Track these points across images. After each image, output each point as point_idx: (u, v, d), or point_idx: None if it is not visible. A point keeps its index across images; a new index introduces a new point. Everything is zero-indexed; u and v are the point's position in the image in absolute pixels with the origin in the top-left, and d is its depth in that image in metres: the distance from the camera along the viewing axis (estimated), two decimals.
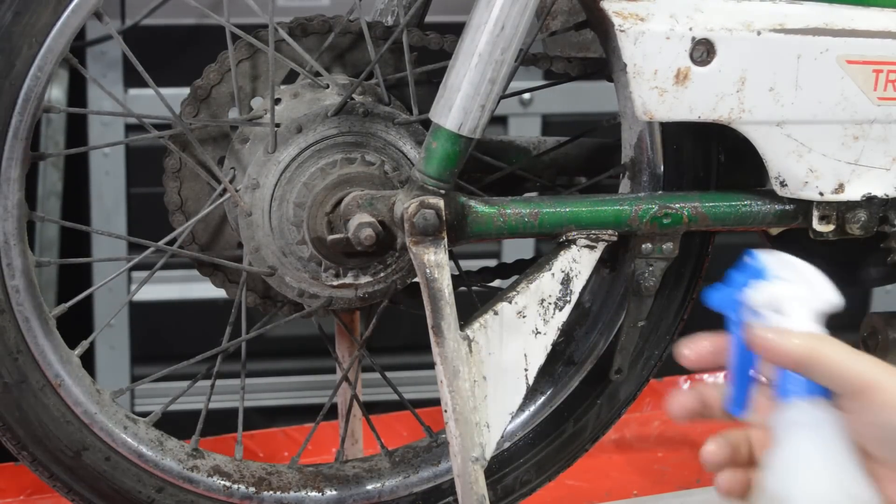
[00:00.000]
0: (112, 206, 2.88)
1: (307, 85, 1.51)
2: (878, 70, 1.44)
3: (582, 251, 1.45)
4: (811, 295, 1.06)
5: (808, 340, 1.03)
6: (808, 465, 1.02)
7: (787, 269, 1.07)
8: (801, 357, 1.03)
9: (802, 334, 1.04)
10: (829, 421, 1.02)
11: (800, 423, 1.03)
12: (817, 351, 1.02)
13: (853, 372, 1.01)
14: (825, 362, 1.02)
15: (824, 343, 1.03)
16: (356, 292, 1.50)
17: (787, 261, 1.08)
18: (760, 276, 1.07)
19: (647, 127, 1.50)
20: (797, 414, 1.03)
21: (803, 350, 1.03)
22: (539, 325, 1.43)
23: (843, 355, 1.02)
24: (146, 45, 2.71)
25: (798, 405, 1.03)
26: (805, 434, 1.02)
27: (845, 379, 1.01)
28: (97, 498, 1.50)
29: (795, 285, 1.07)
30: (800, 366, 1.03)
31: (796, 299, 1.06)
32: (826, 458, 1.02)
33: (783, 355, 1.03)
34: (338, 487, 1.57)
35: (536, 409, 1.60)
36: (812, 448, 1.02)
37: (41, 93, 1.38)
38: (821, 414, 1.03)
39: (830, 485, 1.01)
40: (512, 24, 1.34)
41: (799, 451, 1.02)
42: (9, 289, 1.41)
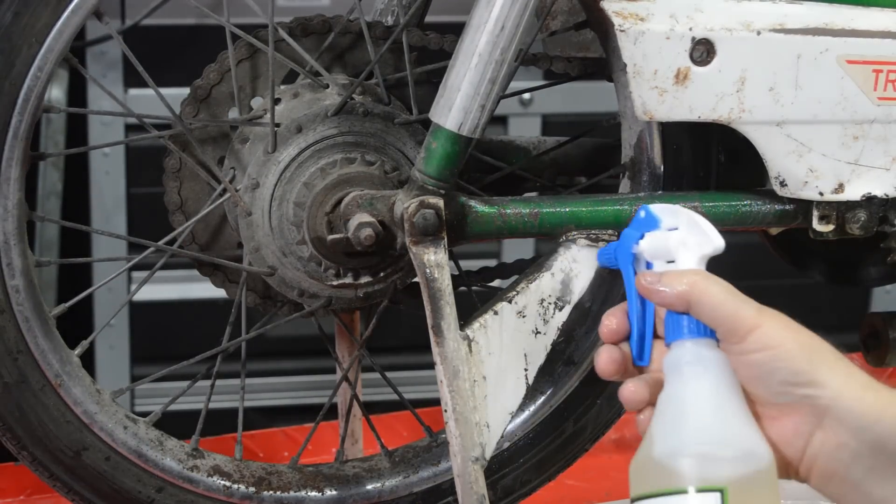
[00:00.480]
0: (112, 206, 2.88)
1: (307, 85, 1.51)
2: (878, 70, 1.44)
3: (582, 251, 1.45)
4: (699, 240, 1.09)
5: (690, 279, 1.06)
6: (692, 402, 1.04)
7: (676, 217, 1.10)
8: (681, 295, 1.05)
9: (685, 273, 1.07)
10: (713, 360, 1.05)
11: (685, 363, 1.05)
12: (698, 289, 1.05)
13: (732, 311, 1.04)
14: (705, 300, 1.04)
15: (706, 282, 1.05)
16: (356, 292, 1.50)
17: (677, 211, 1.11)
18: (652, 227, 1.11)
19: (647, 127, 1.50)
20: (683, 354, 1.06)
21: (684, 289, 1.05)
22: (539, 325, 1.43)
23: (723, 295, 1.04)
24: (146, 45, 2.70)
25: (684, 345, 1.06)
26: (689, 372, 1.05)
27: (724, 318, 1.04)
28: (97, 498, 1.50)
29: (683, 232, 1.09)
30: (683, 305, 1.06)
31: (685, 245, 1.08)
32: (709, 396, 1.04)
33: (666, 296, 1.06)
34: (338, 487, 1.57)
35: (536, 409, 1.60)
36: (696, 386, 1.04)
37: (41, 93, 1.38)
38: (705, 353, 1.05)
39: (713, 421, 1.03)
40: (512, 24, 1.34)
41: (684, 389, 1.05)
42: (9, 289, 1.41)
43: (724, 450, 1.02)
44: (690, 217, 1.10)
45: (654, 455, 1.03)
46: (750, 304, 1.05)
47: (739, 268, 2.70)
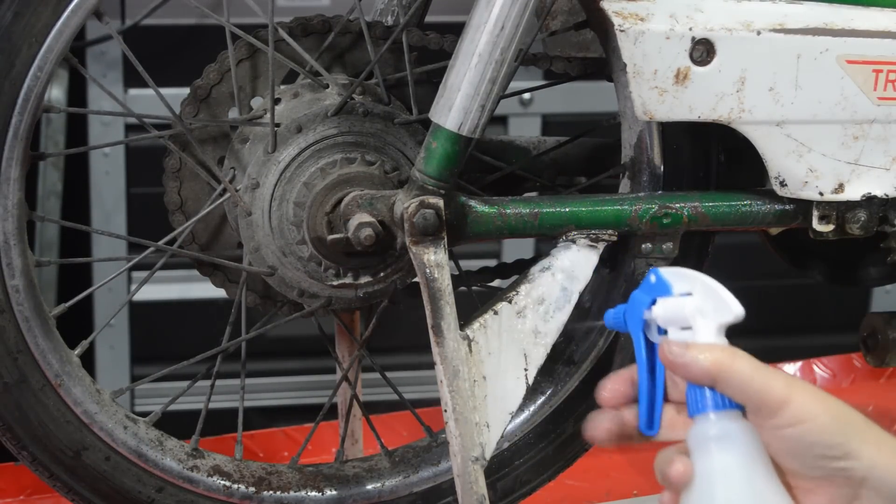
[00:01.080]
0: (112, 206, 2.88)
1: (307, 85, 1.51)
2: (878, 70, 1.44)
3: (582, 251, 1.45)
4: (715, 307, 1.05)
5: (717, 354, 1.02)
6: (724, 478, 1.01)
7: (690, 283, 1.06)
8: (710, 371, 1.02)
9: (710, 347, 1.03)
10: (742, 433, 1.02)
11: (713, 437, 1.02)
12: (726, 365, 1.02)
13: (761, 386, 1.01)
14: (733, 377, 1.02)
15: (733, 357, 1.02)
16: (356, 292, 1.50)
17: (690, 275, 1.07)
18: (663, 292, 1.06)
19: (646, 127, 1.50)
20: (710, 428, 1.03)
21: (712, 364, 1.02)
22: (539, 325, 1.43)
23: (751, 370, 1.02)
24: (146, 45, 2.70)
25: (711, 419, 1.03)
26: (719, 447, 1.02)
27: (753, 393, 1.01)
28: (97, 498, 1.50)
29: (699, 299, 1.05)
30: (709, 380, 1.03)
31: (701, 313, 1.04)
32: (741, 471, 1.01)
33: (693, 370, 1.03)
34: (338, 487, 1.57)
35: (536, 409, 1.60)
36: (727, 461, 1.01)
37: (41, 93, 1.38)
38: (734, 427, 1.02)
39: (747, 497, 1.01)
40: (512, 24, 1.34)
41: (714, 464, 1.02)
42: (9, 289, 1.41)
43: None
44: (706, 283, 1.05)
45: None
46: (778, 378, 1.02)
47: (739, 268, 2.71)
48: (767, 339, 3.02)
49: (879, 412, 2.34)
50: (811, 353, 2.54)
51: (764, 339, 3.05)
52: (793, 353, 2.58)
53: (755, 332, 3.09)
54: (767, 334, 3.01)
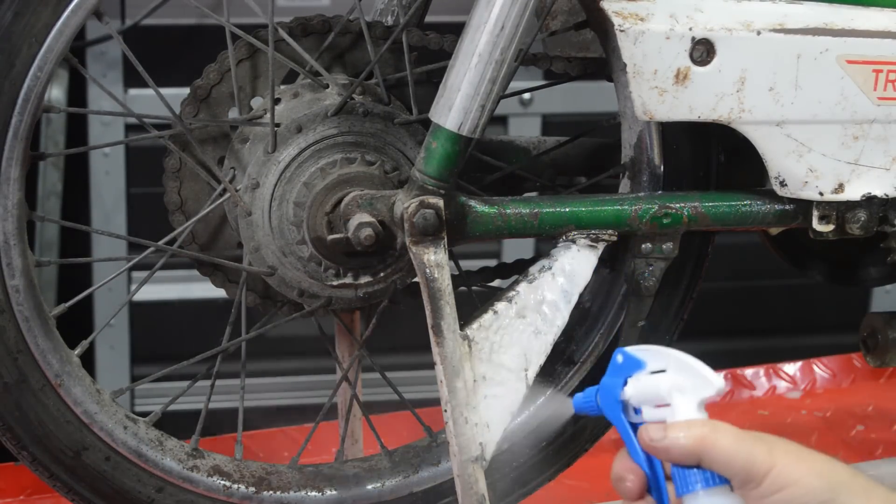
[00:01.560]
0: (112, 206, 2.88)
1: (307, 85, 1.51)
2: (877, 70, 1.44)
3: (582, 251, 1.45)
4: (693, 383, 1.03)
5: (697, 431, 1.02)
6: None
7: (663, 359, 1.04)
8: (693, 450, 1.02)
9: (690, 425, 1.03)
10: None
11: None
12: (709, 441, 1.02)
13: (745, 458, 1.01)
14: (717, 452, 1.02)
15: (714, 431, 1.02)
16: (356, 292, 1.50)
17: (661, 352, 1.05)
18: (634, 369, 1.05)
19: (646, 127, 1.50)
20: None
21: (693, 442, 1.02)
22: (539, 325, 1.43)
23: (734, 442, 1.02)
24: (146, 45, 2.70)
25: (699, 497, 1.03)
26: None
27: (738, 466, 1.01)
28: (97, 498, 1.50)
29: (673, 374, 1.04)
30: (693, 459, 1.03)
31: (678, 389, 1.03)
32: None
33: (674, 452, 1.03)
34: (338, 487, 1.57)
35: (536, 408, 1.60)
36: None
37: (41, 93, 1.38)
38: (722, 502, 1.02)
39: None
40: (512, 24, 1.34)
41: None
42: (9, 289, 1.41)
43: None
44: (679, 358, 1.04)
45: None
46: (760, 445, 1.02)
47: (739, 268, 2.71)
48: (767, 339, 3.02)
49: (879, 412, 2.35)
50: (811, 353, 2.54)
51: (764, 339, 3.05)
52: (793, 353, 2.58)
53: (755, 332, 3.10)
54: (767, 334, 3.01)
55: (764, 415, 2.38)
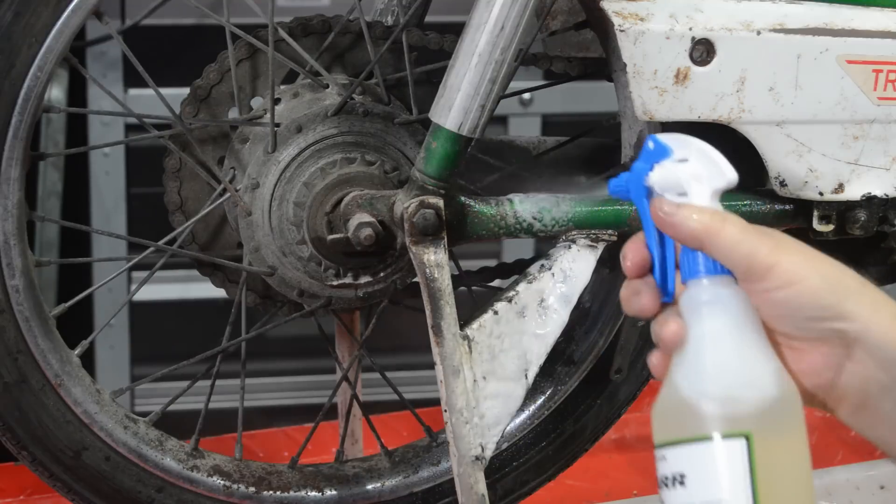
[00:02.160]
0: (112, 206, 2.88)
1: (307, 85, 1.51)
2: (878, 70, 1.44)
3: (582, 251, 1.45)
4: (712, 173, 1.04)
5: (707, 217, 1.01)
6: (714, 340, 1.00)
7: (687, 148, 1.05)
8: (699, 233, 1.01)
9: (701, 210, 1.02)
10: (733, 298, 1.01)
11: (705, 302, 1.01)
12: (715, 228, 1.01)
13: (748, 250, 1.00)
14: (722, 240, 1.01)
15: (722, 220, 1.01)
16: (356, 292, 1.50)
17: (686, 141, 1.06)
18: (662, 156, 1.05)
19: (647, 127, 1.50)
20: (702, 293, 1.02)
21: (701, 227, 1.01)
22: (539, 325, 1.43)
23: (740, 233, 1.00)
24: (146, 45, 2.70)
25: (703, 284, 1.02)
26: (710, 311, 1.01)
27: (741, 258, 1.00)
28: (97, 498, 1.50)
29: (694, 164, 1.04)
30: (697, 242, 1.02)
31: (697, 178, 1.04)
32: (731, 334, 1.00)
33: (681, 230, 1.02)
34: (338, 487, 1.57)
35: (536, 408, 1.60)
36: (717, 325, 1.01)
37: (41, 93, 1.38)
38: (725, 292, 1.01)
39: (735, 363, 1.00)
40: (512, 24, 1.34)
41: (705, 328, 1.01)
42: (9, 289, 1.41)
43: (747, 392, 0.98)
44: (701, 148, 1.05)
45: (676, 400, 1.00)
46: (766, 241, 1.00)
47: None
48: None
49: None
50: None
51: None
52: None
53: None
54: None
55: None
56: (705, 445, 0.97)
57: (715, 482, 0.97)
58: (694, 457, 0.98)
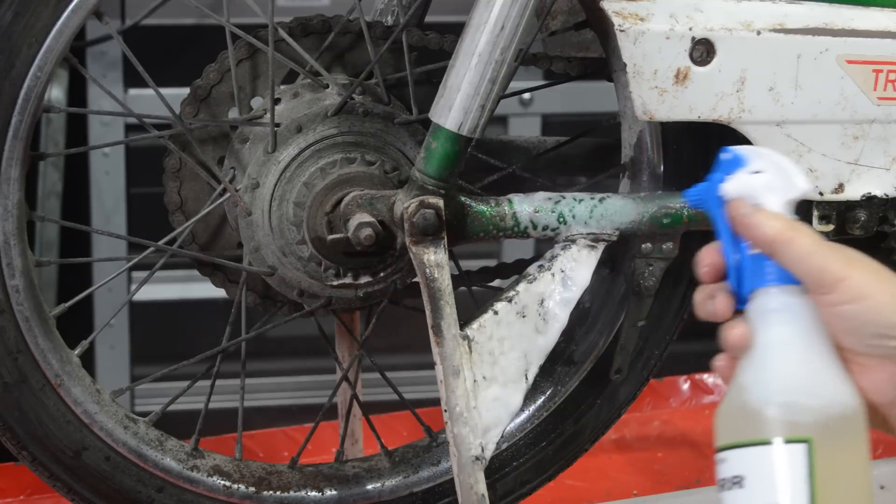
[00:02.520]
0: (112, 206, 2.88)
1: (307, 85, 1.51)
2: (877, 70, 1.44)
3: (582, 251, 1.45)
4: (784, 184, 1.06)
5: (782, 224, 1.03)
6: (780, 348, 1.02)
7: (761, 160, 1.07)
8: (772, 239, 1.03)
9: (778, 217, 1.04)
10: (801, 308, 1.03)
11: (773, 310, 1.03)
12: (788, 236, 1.02)
13: (819, 262, 1.01)
14: (793, 250, 1.02)
15: (796, 230, 1.03)
16: (356, 292, 1.50)
17: (761, 152, 1.08)
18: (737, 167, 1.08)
19: (647, 127, 1.50)
20: (768, 300, 1.03)
21: (775, 233, 1.03)
22: (539, 325, 1.43)
23: (812, 245, 1.02)
24: (146, 45, 2.71)
25: (771, 292, 1.03)
26: (778, 319, 1.03)
27: (811, 269, 1.01)
28: (97, 498, 1.50)
29: (768, 175, 1.06)
30: (771, 249, 1.03)
31: (770, 188, 1.06)
32: (797, 342, 1.02)
33: (756, 233, 1.04)
34: (338, 487, 1.57)
35: (536, 409, 1.60)
36: (784, 332, 1.02)
37: (41, 93, 1.38)
38: (793, 301, 1.03)
39: (800, 370, 1.01)
40: (512, 24, 1.34)
41: (771, 335, 1.02)
42: (9, 289, 1.41)
43: (810, 399, 0.99)
44: (774, 159, 1.07)
45: (739, 404, 1.01)
46: (838, 255, 1.02)
47: None
48: None
49: None
50: None
51: None
52: None
53: None
54: None
55: None
56: (766, 449, 0.98)
57: (773, 486, 0.98)
58: (754, 460, 0.99)
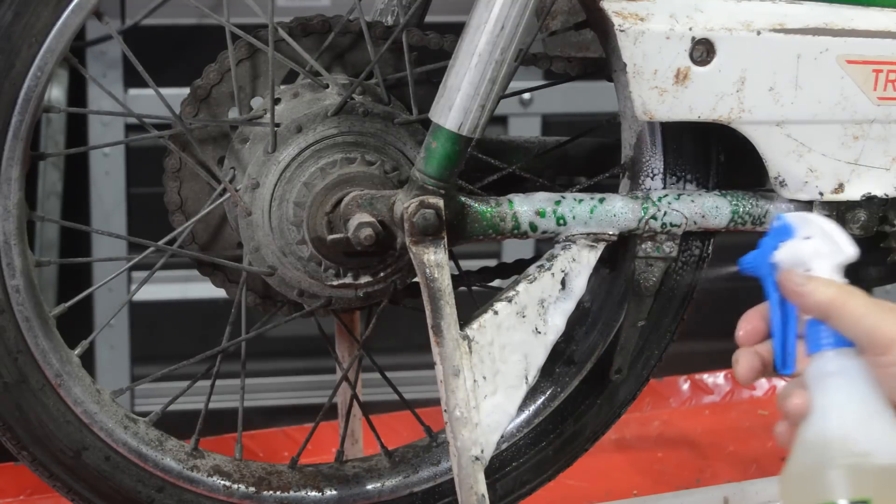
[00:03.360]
0: (112, 206, 2.88)
1: (307, 85, 1.51)
2: (877, 70, 1.44)
3: (582, 251, 1.45)
4: (833, 249, 1.10)
5: (833, 290, 1.07)
6: (839, 412, 1.05)
7: (810, 226, 1.12)
8: (825, 305, 1.06)
9: (828, 283, 1.08)
10: (856, 370, 1.06)
11: (830, 373, 1.06)
12: (840, 301, 1.06)
13: (872, 324, 1.05)
14: (846, 313, 1.06)
15: (848, 294, 1.06)
16: (356, 292, 1.50)
17: (809, 219, 1.13)
18: (787, 235, 1.12)
19: (646, 127, 1.50)
20: (827, 364, 1.07)
21: (827, 298, 1.06)
22: (539, 325, 1.43)
23: (864, 308, 1.05)
24: (146, 45, 2.71)
25: (827, 356, 1.07)
26: (835, 383, 1.06)
27: (864, 331, 1.05)
28: (97, 498, 1.50)
29: (818, 241, 1.11)
30: (824, 314, 1.07)
31: (819, 254, 1.10)
32: (855, 405, 1.05)
33: (808, 301, 1.08)
34: (338, 487, 1.57)
35: (536, 409, 1.60)
36: (842, 396, 1.06)
37: (41, 93, 1.38)
38: (849, 364, 1.06)
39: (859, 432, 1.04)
40: (512, 23, 1.34)
41: (830, 399, 1.06)
42: (9, 289, 1.41)
43: (870, 460, 1.03)
44: (822, 225, 1.12)
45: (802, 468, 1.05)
46: (890, 317, 1.05)
47: None
48: None
49: None
50: None
51: None
52: None
53: None
54: None
55: (764, 415, 2.38)
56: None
57: None
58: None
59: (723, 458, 2.22)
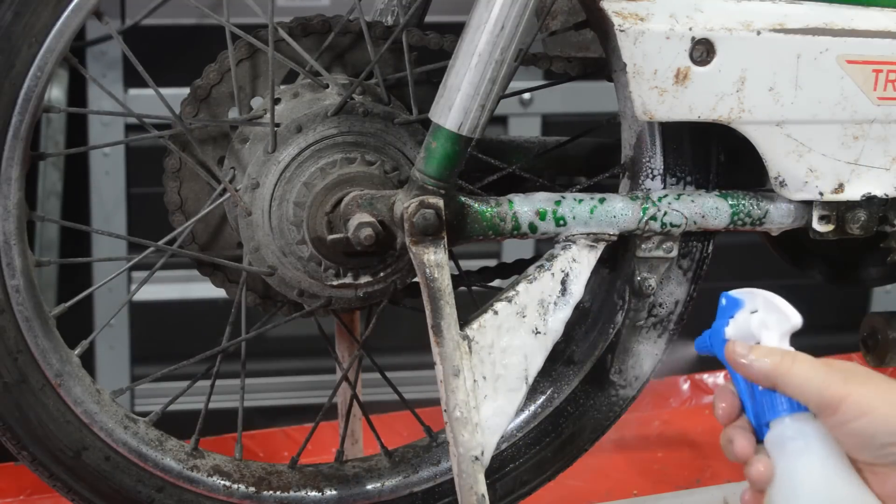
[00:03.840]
0: (112, 206, 2.88)
1: (307, 85, 1.51)
2: (877, 70, 1.44)
3: (582, 251, 1.45)
4: (778, 318, 1.13)
5: (777, 357, 1.09)
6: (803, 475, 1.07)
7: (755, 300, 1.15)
8: (770, 373, 1.08)
9: (771, 351, 1.10)
10: (815, 432, 1.08)
11: (789, 438, 1.09)
12: (785, 367, 1.08)
13: (819, 386, 1.06)
14: (793, 378, 1.08)
15: (792, 360, 1.08)
16: (356, 292, 1.50)
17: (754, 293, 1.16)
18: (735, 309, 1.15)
19: (646, 127, 1.50)
20: (785, 429, 1.09)
21: (771, 366, 1.08)
22: (539, 325, 1.43)
23: (809, 371, 1.07)
24: (146, 45, 2.71)
25: (785, 422, 1.09)
26: (795, 448, 1.08)
27: (812, 394, 1.07)
28: (97, 498, 1.50)
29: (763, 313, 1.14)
30: (772, 382, 1.09)
31: (766, 325, 1.13)
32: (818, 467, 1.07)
33: (753, 370, 1.09)
34: (338, 487, 1.57)
35: (536, 409, 1.60)
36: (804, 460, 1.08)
37: (41, 93, 1.38)
38: (806, 426, 1.08)
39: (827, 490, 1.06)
40: (512, 23, 1.34)
41: (792, 464, 1.08)
42: (9, 289, 1.41)
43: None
44: (765, 297, 1.15)
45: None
46: (835, 375, 1.07)
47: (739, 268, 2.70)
48: None
49: None
50: (811, 353, 2.53)
51: None
52: None
53: None
54: None
55: None
56: None
57: None
58: None
59: (723, 458, 2.21)
